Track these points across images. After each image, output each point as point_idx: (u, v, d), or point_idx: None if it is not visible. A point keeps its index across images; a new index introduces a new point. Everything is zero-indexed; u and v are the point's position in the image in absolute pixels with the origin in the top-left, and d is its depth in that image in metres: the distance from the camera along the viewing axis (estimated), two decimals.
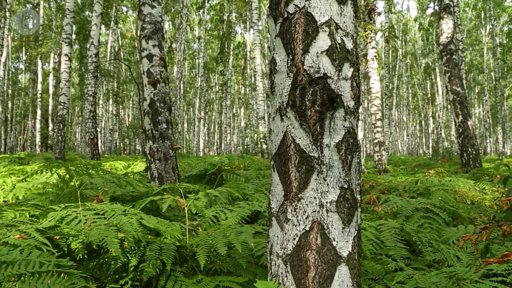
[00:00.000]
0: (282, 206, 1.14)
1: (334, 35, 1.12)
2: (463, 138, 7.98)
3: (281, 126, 1.14)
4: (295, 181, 1.11)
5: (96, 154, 9.92)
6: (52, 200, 1.83)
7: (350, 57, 1.15)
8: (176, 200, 1.79)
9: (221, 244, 1.50)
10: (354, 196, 1.14)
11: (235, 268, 1.73)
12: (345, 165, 1.12)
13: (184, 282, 1.46)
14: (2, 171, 4.34)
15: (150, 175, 3.70)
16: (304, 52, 1.11)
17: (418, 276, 1.19)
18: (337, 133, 1.11)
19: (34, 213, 1.55)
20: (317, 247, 1.09)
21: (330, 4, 1.13)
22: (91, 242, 1.53)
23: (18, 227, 1.26)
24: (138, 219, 1.45)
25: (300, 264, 1.10)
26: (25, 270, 0.97)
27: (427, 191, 3.19)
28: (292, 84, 1.11)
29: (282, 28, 1.15)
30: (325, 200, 1.09)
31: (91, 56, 10.43)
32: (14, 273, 0.94)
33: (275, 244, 1.16)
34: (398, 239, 1.67)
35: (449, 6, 8.51)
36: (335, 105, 1.10)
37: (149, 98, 3.85)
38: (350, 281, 1.12)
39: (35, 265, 0.99)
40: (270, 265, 1.19)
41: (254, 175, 4.89)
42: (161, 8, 4.22)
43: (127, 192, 2.06)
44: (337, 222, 1.10)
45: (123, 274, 1.48)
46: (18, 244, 1.12)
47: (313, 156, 1.09)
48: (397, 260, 1.48)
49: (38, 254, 1.06)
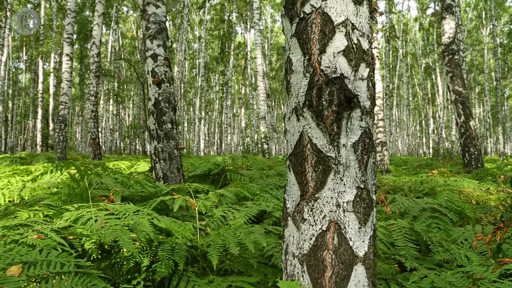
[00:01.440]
0: (298, 206, 1.14)
1: (350, 35, 1.12)
2: (465, 138, 7.98)
3: (297, 126, 1.15)
4: (311, 181, 1.11)
5: (98, 154, 9.91)
6: (64, 200, 1.82)
7: (366, 57, 1.15)
8: (186, 200, 1.79)
9: (233, 244, 1.50)
10: (370, 196, 1.14)
11: (245, 268, 1.73)
12: (361, 165, 1.12)
13: (196, 282, 1.46)
14: (5, 171, 4.34)
15: (155, 175, 3.70)
16: (320, 52, 1.11)
17: (433, 276, 1.20)
18: (354, 133, 1.11)
19: (48, 213, 1.55)
20: (333, 247, 1.09)
21: (346, 5, 1.13)
22: (103, 242, 1.53)
23: (34, 227, 1.26)
24: (150, 219, 1.45)
25: (317, 264, 1.10)
26: (47, 270, 0.96)
27: (433, 191, 3.19)
28: (308, 84, 1.11)
29: (298, 28, 1.15)
30: (341, 200, 1.10)
31: (93, 56, 10.43)
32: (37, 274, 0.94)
33: (290, 244, 1.16)
34: (409, 239, 1.68)
35: (451, 6, 8.51)
36: (352, 105, 1.10)
37: (153, 98, 3.85)
38: (366, 281, 1.12)
39: (57, 266, 0.99)
40: (285, 265, 1.20)
41: (258, 175, 4.90)
42: (165, 8, 4.22)
43: (136, 192, 2.06)
44: (354, 222, 1.11)
45: (135, 274, 1.49)
46: (36, 244, 1.12)
47: (330, 156, 1.09)
48: (409, 260, 1.48)
49: (57, 255, 1.06)
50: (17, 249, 1.06)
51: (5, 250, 1.03)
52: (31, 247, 1.10)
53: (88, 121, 10.41)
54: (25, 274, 0.93)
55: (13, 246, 1.08)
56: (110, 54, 26.95)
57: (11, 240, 1.13)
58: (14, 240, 1.14)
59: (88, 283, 0.95)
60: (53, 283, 0.92)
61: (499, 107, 21.52)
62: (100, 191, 1.99)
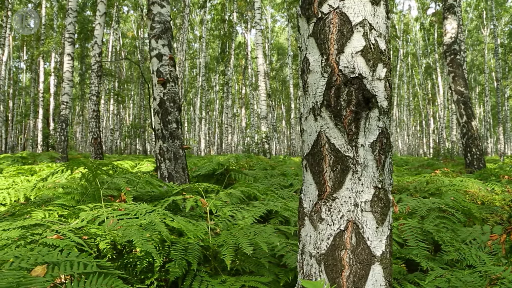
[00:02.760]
0: (315, 205, 1.14)
1: (368, 35, 1.12)
2: (467, 138, 7.98)
3: (314, 126, 1.15)
4: (329, 181, 1.11)
5: (99, 153, 9.90)
6: (77, 200, 1.82)
7: (384, 58, 1.15)
8: (197, 200, 1.80)
9: (246, 244, 1.50)
10: (387, 195, 1.15)
11: (256, 268, 1.73)
12: (379, 164, 1.12)
13: (209, 282, 1.46)
14: (10, 170, 4.34)
15: (160, 175, 3.70)
16: (338, 52, 1.11)
17: (449, 275, 1.20)
18: (372, 133, 1.11)
19: (62, 213, 1.55)
20: (351, 246, 1.10)
21: (363, 5, 1.13)
22: (115, 242, 1.54)
23: (50, 227, 1.26)
24: (162, 219, 1.45)
25: (335, 263, 1.10)
26: (71, 271, 0.97)
27: (438, 191, 3.19)
28: (326, 84, 1.11)
29: (315, 28, 1.15)
30: (359, 200, 1.10)
31: (95, 55, 10.43)
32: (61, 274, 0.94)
33: (307, 243, 1.17)
34: (420, 239, 1.68)
35: (453, 6, 8.51)
36: (370, 105, 1.10)
37: (158, 98, 3.85)
38: (383, 280, 1.13)
39: (80, 266, 0.99)
40: (302, 265, 1.20)
41: (262, 175, 4.90)
42: (170, 7, 4.22)
43: (146, 192, 2.06)
44: (371, 221, 1.11)
45: (149, 274, 1.49)
46: (56, 244, 1.12)
47: (348, 156, 1.09)
48: (423, 260, 1.49)
49: (77, 255, 1.06)
50: (37, 249, 1.06)
51: (26, 250, 1.03)
52: (51, 247, 1.10)
53: (90, 120, 10.40)
54: (50, 274, 0.93)
55: (33, 246, 1.08)
56: (111, 54, 26.94)
57: (31, 240, 1.13)
58: (34, 240, 1.14)
59: (112, 283, 0.96)
60: (78, 283, 0.92)
61: (500, 107, 21.54)
62: (109, 191, 1.99)
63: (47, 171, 3.90)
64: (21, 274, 0.85)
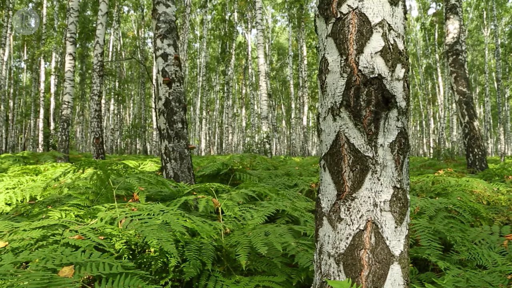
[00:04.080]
0: (334, 205, 1.14)
1: (387, 36, 1.12)
2: (469, 138, 7.99)
3: (333, 126, 1.15)
4: (348, 181, 1.12)
5: (101, 153, 9.90)
6: (91, 200, 1.83)
7: (402, 58, 1.15)
8: (208, 199, 1.80)
9: (260, 243, 1.50)
10: (405, 195, 1.15)
11: (268, 268, 1.73)
12: (397, 164, 1.12)
13: (224, 282, 1.47)
14: (15, 170, 4.34)
15: (166, 175, 3.70)
16: (358, 52, 1.11)
17: (468, 275, 1.20)
18: (391, 133, 1.11)
19: (78, 213, 1.55)
20: (371, 246, 1.10)
21: (382, 5, 1.13)
22: (129, 242, 1.54)
23: (69, 227, 1.26)
24: (176, 219, 1.45)
25: (354, 263, 1.10)
26: (98, 272, 0.97)
27: (444, 191, 3.20)
28: (346, 84, 1.12)
29: (334, 29, 1.15)
30: (379, 200, 1.10)
31: (97, 55, 10.42)
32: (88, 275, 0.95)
33: (325, 243, 1.17)
34: (432, 239, 1.68)
35: (455, 7, 8.51)
36: (389, 106, 1.10)
37: (164, 98, 3.85)
38: (401, 280, 1.13)
39: (105, 267, 0.99)
40: (320, 265, 1.20)
41: (266, 175, 4.90)
42: (175, 7, 4.22)
43: (156, 192, 2.06)
44: (390, 221, 1.11)
45: (163, 275, 1.49)
46: (78, 245, 1.12)
47: (367, 156, 1.10)
48: (439, 261, 1.49)
49: (99, 255, 1.06)
50: (60, 249, 1.06)
51: (50, 250, 1.03)
52: (73, 248, 1.10)
53: (91, 120, 10.40)
54: (77, 275, 0.93)
55: (56, 247, 1.08)
56: (111, 54, 26.93)
57: (53, 241, 1.13)
58: (55, 240, 1.14)
59: (138, 284, 0.96)
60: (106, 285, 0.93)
61: (500, 107, 21.56)
62: (118, 191, 1.99)
63: (52, 171, 3.90)
64: (49, 275, 0.85)
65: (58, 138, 11.23)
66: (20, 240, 1.09)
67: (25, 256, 0.97)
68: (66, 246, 1.11)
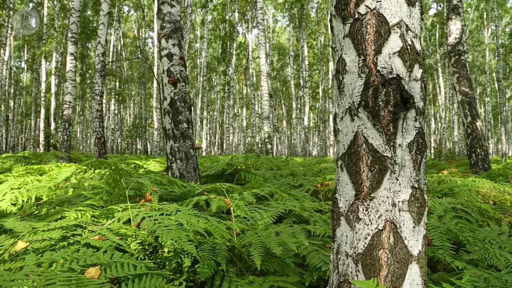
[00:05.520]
0: (352, 205, 1.15)
1: (405, 36, 1.13)
2: (472, 139, 8.00)
3: (351, 126, 1.15)
4: (367, 181, 1.12)
5: (103, 153, 9.89)
6: (105, 200, 1.83)
7: (419, 59, 1.16)
8: (220, 199, 1.80)
9: (274, 244, 1.50)
10: (423, 195, 1.15)
11: (280, 268, 1.73)
12: (415, 164, 1.13)
13: (238, 283, 1.47)
14: (19, 170, 4.34)
15: (171, 175, 3.70)
16: (376, 53, 1.11)
17: (486, 274, 1.21)
18: (409, 133, 1.12)
19: (93, 213, 1.55)
20: (389, 246, 1.10)
21: (400, 6, 1.14)
22: (142, 242, 1.54)
23: (86, 227, 1.27)
24: (188, 219, 1.46)
25: (373, 263, 1.11)
26: (123, 272, 0.97)
27: (451, 191, 3.20)
28: (364, 85, 1.12)
29: (352, 29, 1.15)
30: (397, 200, 1.10)
31: (98, 55, 10.42)
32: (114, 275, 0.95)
33: (343, 243, 1.17)
34: (445, 239, 1.69)
35: (458, 7, 8.52)
36: (407, 106, 1.11)
37: (169, 98, 3.85)
38: (420, 280, 1.13)
39: (130, 267, 0.99)
40: (337, 265, 1.20)
41: (270, 175, 4.90)
42: (180, 7, 4.22)
43: (168, 192, 2.06)
44: (409, 221, 1.11)
45: (177, 275, 1.49)
46: (99, 245, 1.12)
47: (386, 156, 1.10)
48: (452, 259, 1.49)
49: (120, 256, 1.06)
50: (82, 250, 1.06)
51: (72, 251, 1.03)
52: (94, 248, 1.10)
53: (93, 120, 10.39)
54: (103, 276, 0.93)
55: (77, 247, 1.08)
56: (112, 54, 26.94)
57: (73, 241, 1.13)
58: (75, 241, 1.14)
59: (164, 285, 0.96)
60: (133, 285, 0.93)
61: (501, 107, 21.57)
62: (129, 191, 1.99)
63: (57, 171, 3.90)
64: (75, 276, 0.85)
65: (59, 138, 11.23)
66: (40, 240, 1.09)
67: (48, 256, 0.97)
68: (87, 247, 1.11)
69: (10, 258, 1.02)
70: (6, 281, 0.75)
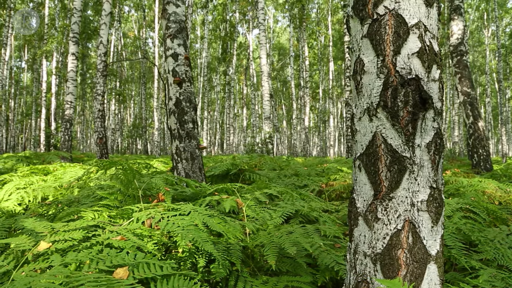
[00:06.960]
0: (371, 205, 1.15)
1: (423, 37, 1.13)
2: (474, 139, 8.00)
3: (369, 126, 1.16)
4: (385, 181, 1.12)
5: (105, 153, 9.89)
6: (120, 200, 1.83)
7: (437, 59, 1.16)
8: (233, 199, 1.81)
9: (288, 244, 1.51)
10: (441, 195, 1.16)
11: (292, 268, 1.74)
12: (434, 165, 1.13)
13: (253, 283, 1.47)
14: (24, 170, 4.34)
15: (177, 175, 3.70)
16: (395, 53, 1.12)
17: (503, 275, 1.21)
18: (427, 134, 1.12)
19: (109, 213, 1.55)
20: (408, 245, 1.11)
21: (418, 7, 1.14)
22: (158, 242, 1.54)
23: (106, 228, 1.27)
24: (205, 219, 1.46)
25: (391, 263, 1.11)
26: (151, 273, 0.97)
27: (457, 192, 3.20)
28: (383, 85, 1.12)
29: (370, 29, 1.16)
30: (416, 200, 1.11)
31: (100, 55, 10.42)
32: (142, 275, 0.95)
33: (361, 243, 1.18)
34: (457, 239, 1.69)
35: (460, 8, 8.53)
36: (426, 106, 1.11)
37: (174, 98, 3.86)
38: (438, 279, 1.14)
39: (157, 268, 1.00)
40: (354, 264, 1.21)
41: (273, 175, 4.91)
42: (184, 7, 4.23)
43: (179, 192, 2.06)
44: (427, 221, 1.12)
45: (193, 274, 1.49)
46: (122, 246, 1.12)
47: (405, 156, 1.10)
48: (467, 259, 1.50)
49: (143, 256, 1.07)
50: (106, 250, 1.06)
51: (96, 251, 1.04)
52: (117, 249, 1.10)
53: (95, 120, 10.39)
54: (131, 276, 0.93)
55: (100, 248, 1.09)
56: (113, 54, 26.94)
57: (95, 242, 1.14)
58: (97, 241, 1.14)
59: (192, 286, 0.96)
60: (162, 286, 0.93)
61: (502, 108, 21.59)
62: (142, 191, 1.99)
63: (62, 171, 3.90)
64: (104, 276, 0.85)
65: (60, 138, 11.23)
66: (63, 241, 1.09)
67: (73, 257, 0.97)
68: (110, 247, 1.12)
69: (33, 258, 1.02)
70: (34, 282, 0.75)
